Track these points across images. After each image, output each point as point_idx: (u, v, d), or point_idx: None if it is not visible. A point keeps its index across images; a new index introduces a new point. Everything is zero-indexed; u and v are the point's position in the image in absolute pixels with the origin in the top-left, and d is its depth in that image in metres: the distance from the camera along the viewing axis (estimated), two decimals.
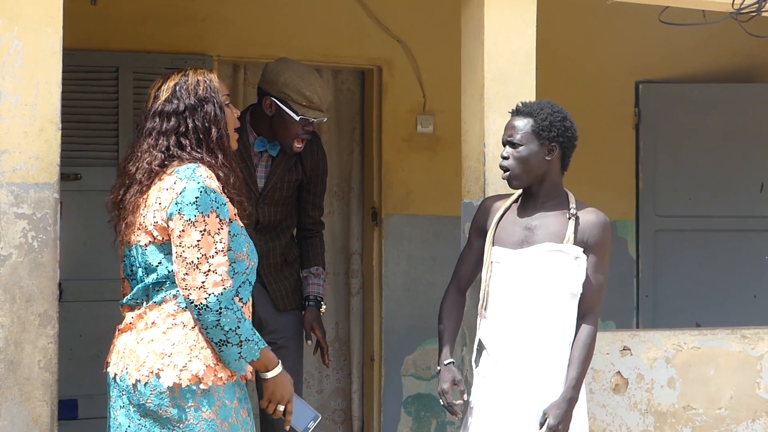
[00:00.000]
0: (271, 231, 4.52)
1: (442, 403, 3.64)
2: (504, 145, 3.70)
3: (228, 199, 3.13)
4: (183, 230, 3.02)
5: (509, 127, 3.69)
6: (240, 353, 3.04)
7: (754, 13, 4.63)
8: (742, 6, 4.57)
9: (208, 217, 3.03)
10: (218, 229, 3.04)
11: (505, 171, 3.67)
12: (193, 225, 3.02)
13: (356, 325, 6.54)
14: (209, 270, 3.00)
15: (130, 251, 3.20)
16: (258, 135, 4.48)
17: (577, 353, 3.60)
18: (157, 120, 3.20)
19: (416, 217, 6.46)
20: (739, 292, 6.85)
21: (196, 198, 3.03)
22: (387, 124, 6.40)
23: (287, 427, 3.28)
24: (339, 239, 6.53)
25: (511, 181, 3.68)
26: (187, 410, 3.02)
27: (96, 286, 5.75)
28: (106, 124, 5.79)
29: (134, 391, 3.06)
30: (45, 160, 3.50)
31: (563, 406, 3.54)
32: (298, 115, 4.31)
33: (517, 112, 3.70)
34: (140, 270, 3.16)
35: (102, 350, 5.73)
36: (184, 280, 3.02)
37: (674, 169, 6.92)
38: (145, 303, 3.15)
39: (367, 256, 6.49)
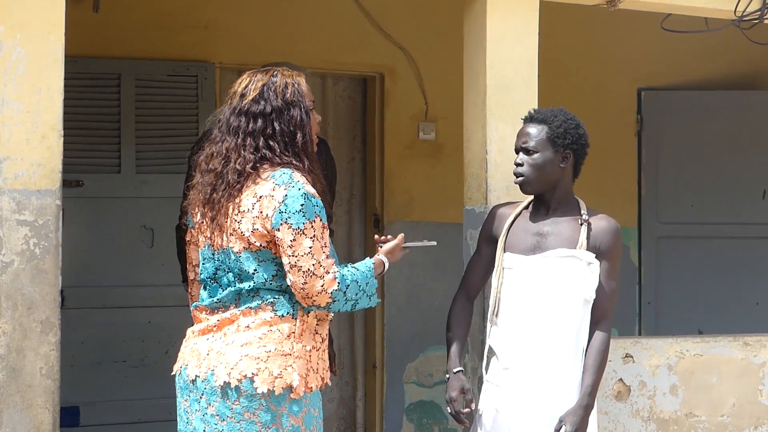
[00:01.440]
0: None
1: (449, 411, 3.61)
2: (517, 152, 3.68)
3: None
4: (294, 239, 3.04)
5: (523, 134, 3.68)
6: (369, 298, 3.20)
7: (756, 21, 4.64)
8: (744, 13, 4.57)
9: (314, 222, 3.07)
10: (323, 233, 3.09)
11: (518, 177, 3.67)
12: (303, 233, 3.05)
13: (358, 332, 6.53)
14: (324, 273, 3.07)
15: (214, 255, 3.17)
16: None
17: (591, 360, 3.58)
18: (243, 119, 3.15)
19: (418, 223, 6.45)
20: (741, 299, 6.84)
21: (302, 206, 3.05)
22: (389, 131, 6.40)
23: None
24: (341, 246, 6.52)
25: (525, 187, 3.67)
26: (277, 414, 3.05)
27: (98, 293, 5.75)
28: (108, 131, 5.79)
29: (220, 393, 3.05)
30: (47, 166, 3.51)
31: (579, 413, 3.53)
32: None
33: (530, 119, 3.69)
34: (229, 274, 3.15)
35: (104, 357, 5.82)
36: (303, 288, 3.07)
37: (676, 176, 6.91)
38: (234, 307, 3.13)
39: None
